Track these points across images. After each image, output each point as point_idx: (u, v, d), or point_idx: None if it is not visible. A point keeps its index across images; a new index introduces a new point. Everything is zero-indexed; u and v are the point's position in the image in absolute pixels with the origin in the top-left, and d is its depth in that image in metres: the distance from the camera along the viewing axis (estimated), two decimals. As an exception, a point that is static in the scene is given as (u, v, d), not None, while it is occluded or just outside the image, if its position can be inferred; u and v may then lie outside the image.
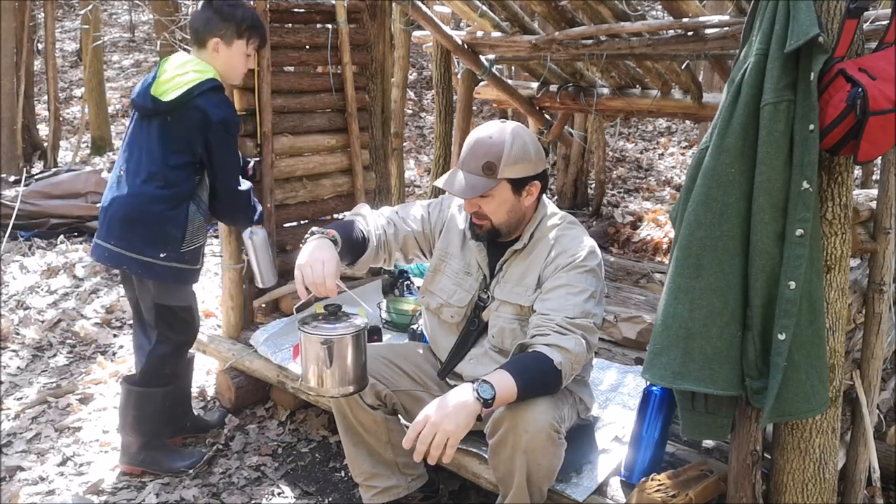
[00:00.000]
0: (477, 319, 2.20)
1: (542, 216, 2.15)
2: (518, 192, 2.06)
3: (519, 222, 2.12)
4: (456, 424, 1.74)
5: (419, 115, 9.83)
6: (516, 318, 2.12)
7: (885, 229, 2.01)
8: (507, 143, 2.01)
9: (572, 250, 2.06)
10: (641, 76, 4.15)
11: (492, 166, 2.00)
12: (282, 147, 3.38)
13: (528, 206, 2.11)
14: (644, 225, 5.93)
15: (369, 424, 2.23)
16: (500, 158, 2.00)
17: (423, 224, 2.31)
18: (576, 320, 1.96)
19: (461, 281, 2.22)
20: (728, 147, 1.69)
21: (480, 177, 2.01)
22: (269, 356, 3.01)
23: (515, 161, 2.01)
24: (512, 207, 2.08)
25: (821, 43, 1.57)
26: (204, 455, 2.79)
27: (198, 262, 2.65)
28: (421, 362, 2.36)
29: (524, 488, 1.95)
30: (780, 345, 1.68)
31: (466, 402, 1.76)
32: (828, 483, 1.87)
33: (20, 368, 3.60)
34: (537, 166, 2.07)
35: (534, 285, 2.09)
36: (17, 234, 5.34)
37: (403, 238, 2.29)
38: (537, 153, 2.07)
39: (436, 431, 1.73)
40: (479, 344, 2.22)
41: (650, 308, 3.43)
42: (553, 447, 1.93)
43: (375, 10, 3.63)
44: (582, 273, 2.03)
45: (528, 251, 2.14)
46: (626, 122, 9.58)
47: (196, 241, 2.59)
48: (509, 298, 2.12)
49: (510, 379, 1.83)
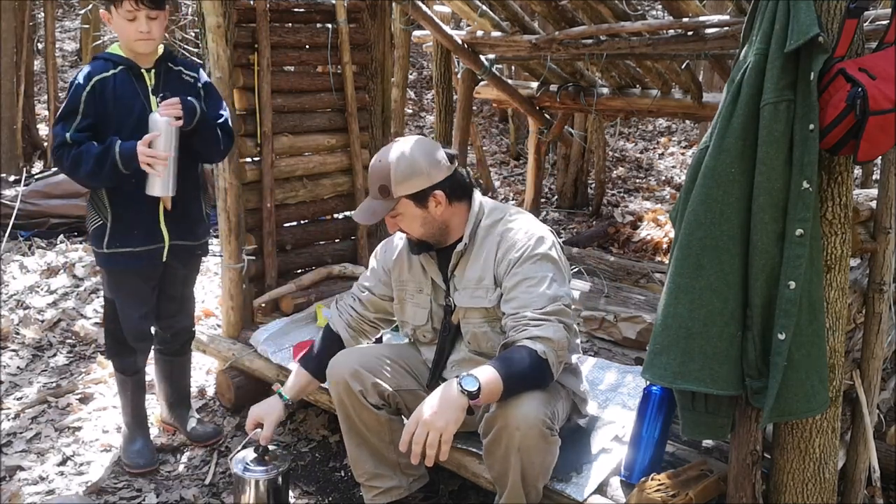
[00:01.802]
0: (448, 325, 2.21)
1: (477, 215, 2.15)
2: (423, 205, 2.09)
3: (442, 229, 2.14)
4: (445, 420, 1.77)
5: (419, 115, 9.83)
6: (485, 321, 2.13)
7: (885, 229, 2.01)
8: (393, 164, 2.06)
9: (519, 243, 2.06)
10: (641, 76, 4.15)
11: (385, 189, 2.07)
12: (282, 147, 3.38)
13: (444, 213, 2.12)
14: (644, 225, 5.93)
15: (372, 424, 2.23)
16: (390, 178, 2.06)
17: (377, 275, 2.38)
18: (546, 308, 1.97)
19: (418, 300, 2.26)
20: (728, 147, 1.69)
21: (379, 200, 2.10)
22: (269, 356, 3.01)
23: (404, 178, 2.06)
24: (424, 220, 2.11)
25: (821, 43, 1.57)
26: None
27: (100, 244, 2.57)
28: (418, 360, 2.36)
29: (519, 487, 1.97)
30: (780, 345, 1.68)
31: (451, 397, 1.79)
32: (828, 483, 1.87)
33: (20, 368, 3.60)
34: (432, 176, 2.07)
35: (492, 285, 2.10)
36: (17, 233, 5.34)
37: (370, 304, 2.39)
38: (430, 163, 2.07)
39: (428, 430, 1.76)
40: (458, 349, 2.23)
41: (650, 308, 3.43)
42: (546, 444, 1.94)
43: (375, 9, 3.63)
44: (536, 262, 2.03)
45: (476, 251, 2.14)
46: (626, 122, 9.59)
47: (92, 222, 2.60)
48: (473, 304, 2.13)
49: (493, 371, 1.86)
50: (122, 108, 2.49)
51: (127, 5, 2.39)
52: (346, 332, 2.40)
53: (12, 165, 6.74)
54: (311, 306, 3.37)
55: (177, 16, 8.63)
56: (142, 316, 2.69)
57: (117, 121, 2.48)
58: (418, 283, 2.26)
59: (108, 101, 2.47)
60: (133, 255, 2.57)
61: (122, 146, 2.39)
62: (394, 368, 2.27)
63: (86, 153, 2.40)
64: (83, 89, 2.44)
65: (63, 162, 2.44)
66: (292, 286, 3.40)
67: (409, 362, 2.32)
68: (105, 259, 2.59)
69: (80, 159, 2.40)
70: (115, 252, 2.56)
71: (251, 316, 3.36)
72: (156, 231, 2.59)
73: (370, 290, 2.39)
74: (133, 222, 2.55)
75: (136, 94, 2.50)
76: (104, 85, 2.47)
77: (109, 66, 2.49)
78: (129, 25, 2.42)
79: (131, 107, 2.49)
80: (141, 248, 2.57)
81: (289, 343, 3.10)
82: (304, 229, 3.63)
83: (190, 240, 2.69)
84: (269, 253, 3.38)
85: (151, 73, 2.54)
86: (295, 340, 3.12)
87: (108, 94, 2.47)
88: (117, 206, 2.54)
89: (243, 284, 3.28)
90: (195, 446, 2.92)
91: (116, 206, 2.54)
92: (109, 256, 2.57)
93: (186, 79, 2.61)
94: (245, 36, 3.20)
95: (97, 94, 2.45)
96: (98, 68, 2.49)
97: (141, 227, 2.56)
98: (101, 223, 2.56)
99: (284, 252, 3.52)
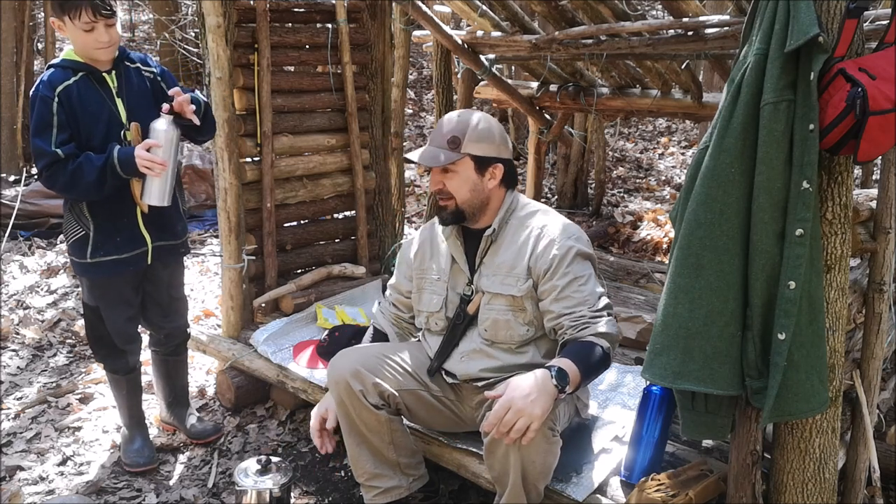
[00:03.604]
0: (463, 313, 2.23)
1: (513, 205, 2.23)
2: (481, 172, 2.15)
3: (482, 205, 2.19)
4: (543, 409, 1.81)
5: (419, 115, 9.82)
6: (509, 309, 2.16)
7: (885, 229, 2.01)
8: (473, 121, 2.14)
9: (560, 240, 2.12)
10: (641, 76, 4.15)
11: (456, 140, 2.12)
12: (282, 147, 3.39)
13: (491, 189, 2.18)
14: (644, 225, 5.93)
15: (373, 424, 2.23)
16: (465, 134, 2.12)
17: (402, 272, 2.44)
18: (599, 305, 2.08)
19: (435, 288, 2.29)
20: (728, 147, 1.69)
21: (446, 150, 2.13)
22: (269, 356, 3.01)
23: (479, 139, 2.13)
24: (474, 186, 2.16)
25: (821, 43, 1.57)
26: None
27: (83, 254, 2.54)
28: (419, 360, 2.36)
29: (520, 487, 1.97)
30: (780, 345, 1.68)
31: (547, 387, 1.83)
32: (828, 483, 1.87)
33: (20, 368, 3.60)
34: (501, 151, 2.18)
35: (524, 275, 2.14)
36: (17, 233, 5.34)
37: (401, 305, 2.46)
38: (502, 139, 2.19)
39: (520, 416, 1.78)
40: (469, 338, 2.24)
41: (650, 308, 3.43)
42: (547, 445, 1.95)
43: (375, 9, 3.63)
44: (581, 260, 2.12)
45: (508, 239, 2.19)
46: (626, 122, 9.58)
47: (72, 233, 2.56)
48: (501, 290, 2.16)
49: (574, 366, 1.92)
50: (90, 116, 2.41)
51: (85, 17, 2.30)
52: (391, 329, 2.48)
53: (12, 165, 6.75)
54: (311, 306, 3.37)
55: (177, 16, 8.64)
56: (128, 319, 2.68)
57: (87, 130, 2.41)
58: (439, 269, 2.29)
59: (76, 110, 2.39)
60: (119, 261, 2.55)
61: (121, 152, 2.36)
62: (395, 368, 2.27)
63: (87, 165, 2.34)
64: (51, 101, 2.35)
65: (57, 178, 2.36)
66: (292, 286, 3.40)
67: (411, 362, 2.32)
68: (88, 268, 2.55)
69: (80, 172, 2.34)
70: (100, 261, 2.53)
71: (251, 316, 3.36)
72: (137, 235, 2.57)
73: (397, 289, 2.45)
74: (114, 229, 2.53)
75: (102, 101, 2.44)
76: (68, 94, 2.38)
77: (69, 74, 2.40)
78: (87, 36, 2.35)
79: (99, 114, 2.43)
80: (126, 254, 2.55)
81: (289, 343, 3.10)
82: (304, 229, 3.64)
83: (171, 239, 2.67)
84: (269, 253, 3.38)
85: (112, 75, 2.47)
86: (295, 340, 3.13)
87: (75, 103, 2.39)
88: (98, 215, 2.50)
89: (243, 284, 3.28)
90: (195, 445, 2.92)
91: (97, 216, 2.50)
92: (94, 265, 2.54)
93: (146, 74, 2.56)
94: (245, 36, 3.20)
95: (65, 105, 2.37)
96: (58, 77, 2.39)
97: (123, 234, 2.54)
98: (82, 234, 2.52)
99: (284, 252, 3.52)
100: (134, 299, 2.69)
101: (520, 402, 1.79)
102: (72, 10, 2.31)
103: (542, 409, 1.80)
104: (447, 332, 2.27)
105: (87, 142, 2.41)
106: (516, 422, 1.79)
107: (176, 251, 2.73)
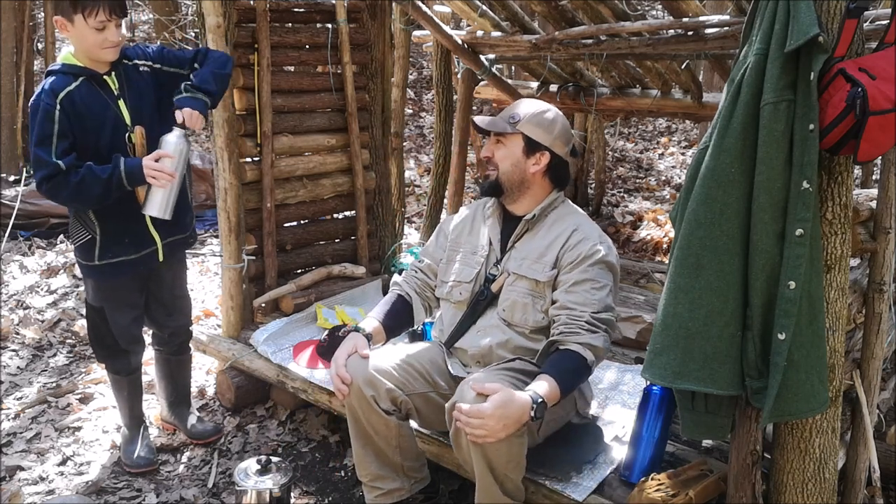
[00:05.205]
0: (487, 291, 2.28)
1: (556, 199, 2.30)
2: (528, 153, 2.24)
3: (520, 185, 2.26)
4: (506, 433, 1.87)
5: (419, 115, 9.82)
6: (530, 293, 2.21)
7: (885, 229, 2.00)
8: (541, 108, 2.27)
9: (593, 241, 2.18)
10: (641, 76, 4.15)
11: (516, 117, 2.25)
12: (282, 147, 3.39)
13: (534, 174, 2.25)
14: (644, 225, 5.93)
15: (381, 429, 2.22)
16: (528, 115, 2.24)
17: (438, 241, 2.49)
18: (600, 315, 2.11)
19: (468, 260, 2.36)
20: (728, 147, 1.69)
21: (505, 122, 2.26)
22: (269, 356, 3.01)
23: (538, 124, 2.24)
24: (517, 163, 2.24)
25: (821, 43, 1.57)
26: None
27: (90, 257, 2.53)
28: (430, 361, 2.34)
29: (489, 477, 1.98)
30: (780, 345, 1.68)
31: (522, 419, 1.88)
32: (828, 483, 1.87)
33: (20, 368, 3.60)
34: (555, 144, 2.25)
35: (551, 263, 2.20)
36: (17, 233, 5.34)
37: (430, 271, 2.48)
38: (562, 136, 2.26)
39: (483, 428, 1.84)
40: (488, 315, 2.29)
41: (650, 308, 3.42)
42: (507, 438, 1.94)
43: (375, 9, 3.63)
44: (605, 269, 2.18)
45: (545, 229, 2.26)
46: (626, 122, 9.57)
47: (78, 237, 2.53)
48: (526, 273, 2.22)
49: (557, 388, 1.97)
50: (95, 121, 2.38)
51: (101, 16, 2.27)
52: (415, 294, 2.46)
53: (12, 165, 6.74)
54: (311, 306, 3.37)
55: (177, 16, 8.64)
56: (133, 320, 2.68)
57: (92, 135, 2.37)
58: (475, 245, 2.37)
59: (80, 115, 2.35)
60: (128, 262, 2.54)
61: (128, 163, 2.34)
62: (406, 372, 2.25)
63: (90, 177, 2.30)
64: (54, 109, 2.30)
65: (59, 190, 2.32)
66: (292, 286, 3.40)
67: (420, 363, 2.31)
68: (96, 270, 2.55)
69: (84, 184, 2.30)
70: (109, 263, 2.52)
71: (251, 316, 3.36)
72: (146, 235, 2.56)
73: (431, 255, 2.49)
74: (122, 231, 2.51)
75: (105, 105, 2.40)
76: (71, 100, 2.33)
77: (70, 80, 2.36)
78: (96, 35, 2.31)
79: (103, 118, 2.39)
80: (135, 254, 2.55)
81: (289, 343, 3.10)
82: (304, 229, 3.64)
83: (180, 233, 2.67)
84: (269, 253, 3.38)
85: (112, 77, 2.43)
86: (295, 340, 3.13)
87: (79, 108, 2.34)
88: (104, 220, 2.49)
89: (243, 284, 3.28)
90: (195, 445, 2.92)
91: (103, 220, 2.49)
92: (102, 267, 2.53)
93: (144, 69, 2.50)
94: (245, 36, 3.20)
95: (68, 112, 2.32)
96: (60, 83, 2.34)
97: (131, 235, 2.53)
98: (89, 237, 2.50)
99: (284, 252, 3.52)
100: (139, 300, 2.69)
101: (491, 421, 1.84)
102: (87, 8, 2.26)
103: (506, 434, 1.87)
104: (468, 308, 2.31)
105: (94, 146, 2.38)
106: (478, 429, 1.84)
107: (184, 244, 2.73)
